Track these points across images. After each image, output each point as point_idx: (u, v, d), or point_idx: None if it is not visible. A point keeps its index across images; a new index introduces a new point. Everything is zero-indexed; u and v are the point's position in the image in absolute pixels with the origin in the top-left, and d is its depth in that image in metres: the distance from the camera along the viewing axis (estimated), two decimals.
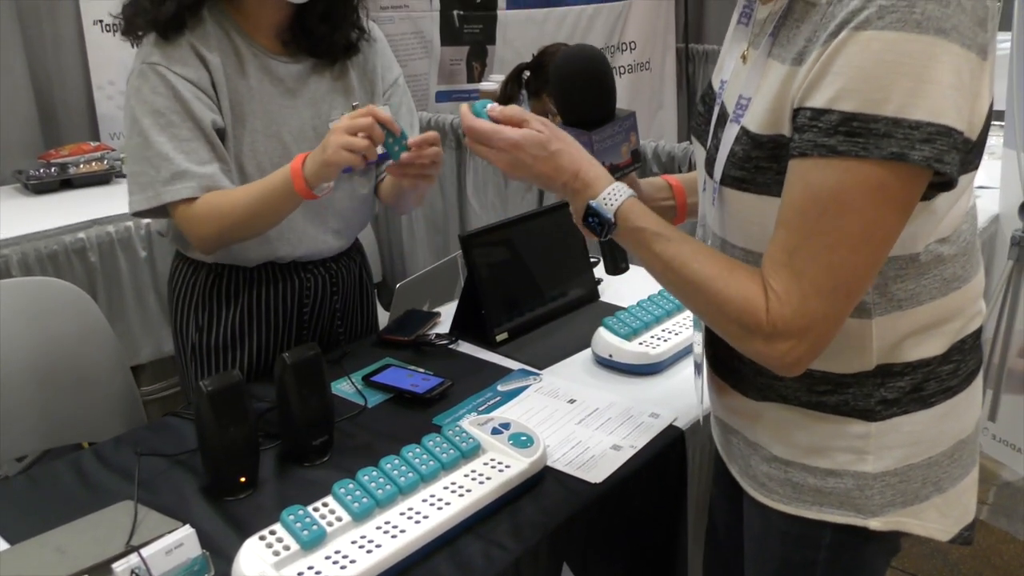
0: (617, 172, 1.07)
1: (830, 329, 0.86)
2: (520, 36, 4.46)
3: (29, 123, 2.87)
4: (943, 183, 0.82)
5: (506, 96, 3.50)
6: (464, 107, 1.02)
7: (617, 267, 1.09)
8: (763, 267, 0.87)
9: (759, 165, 0.90)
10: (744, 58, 0.96)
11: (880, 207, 0.80)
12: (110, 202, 2.65)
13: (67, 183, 2.77)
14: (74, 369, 1.72)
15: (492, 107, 1.00)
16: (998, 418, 2.43)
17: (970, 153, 0.85)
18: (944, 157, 0.78)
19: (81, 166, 2.79)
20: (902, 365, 0.93)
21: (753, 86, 0.91)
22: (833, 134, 0.79)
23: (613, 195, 0.95)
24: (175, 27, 1.36)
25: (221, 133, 1.41)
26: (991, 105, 0.86)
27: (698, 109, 1.10)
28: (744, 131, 0.91)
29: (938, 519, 0.98)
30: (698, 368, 1.15)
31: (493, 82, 3.95)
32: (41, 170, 2.74)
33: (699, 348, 1.13)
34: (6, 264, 2.31)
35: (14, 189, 2.80)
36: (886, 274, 0.90)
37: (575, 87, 1.07)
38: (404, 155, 1.31)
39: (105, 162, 2.83)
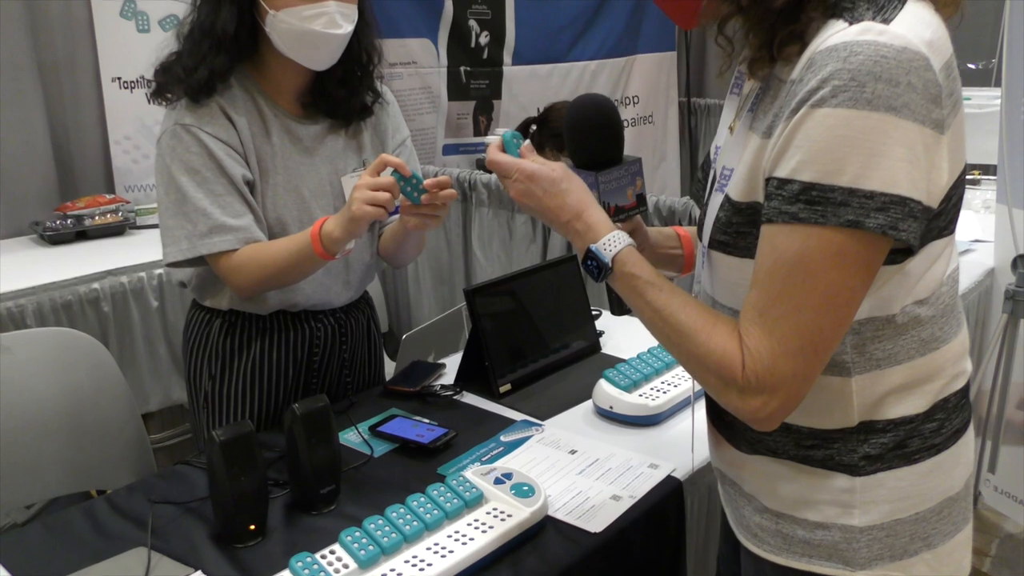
0: (622, 214, 1.14)
1: (800, 386, 0.89)
2: (525, 91, 4.56)
3: (47, 176, 2.95)
4: (909, 248, 0.86)
5: None
6: (494, 143, 1.09)
7: (622, 308, 1.12)
8: (740, 324, 0.91)
9: (740, 231, 0.95)
10: (731, 129, 1.02)
11: (841, 271, 0.85)
12: (124, 253, 2.71)
13: (82, 234, 2.84)
14: (88, 418, 1.76)
15: (526, 145, 1.08)
16: (998, 469, 2.45)
17: (936, 220, 0.89)
18: (899, 225, 0.83)
19: (96, 218, 2.86)
20: (884, 422, 0.96)
21: (736, 157, 0.96)
22: (795, 202, 0.84)
23: (613, 242, 1.00)
24: (206, 92, 1.44)
25: (251, 186, 1.49)
26: (962, 172, 0.91)
27: (698, 176, 1.16)
28: (727, 198, 0.96)
29: (926, 573, 1.00)
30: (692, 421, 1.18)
31: (498, 135, 4.04)
32: (57, 222, 2.81)
33: (693, 399, 1.16)
34: (22, 313, 2.36)
35: (30, 240, 2.87)
36: (864, 334, 0.94)
37: (585, 131, 1.14)
38: (424, 197, 1.37)
39: (120, 214, 2.91)
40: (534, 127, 3.55)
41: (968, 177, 2.93)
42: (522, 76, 4.54)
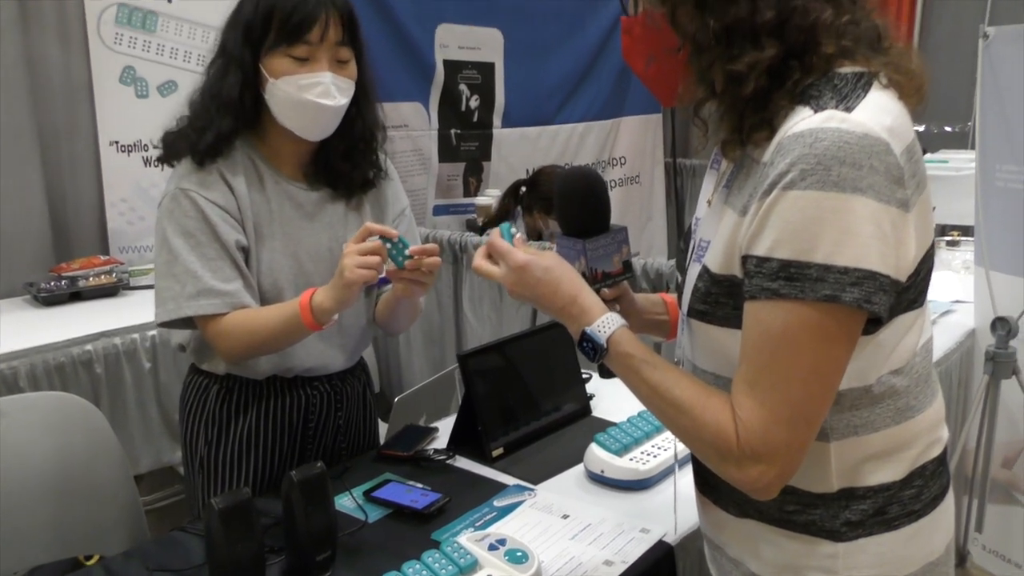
0: (609, 280, 1.18)
1: (794, 455, 0.93)
2: (514, 152, 4.65)
3: (42, 237, 2.98)
4: (878, 319, 0.90)
5: (503, 209, 3.66)
6: (495, 233, 1.14)
7: (610, 372, 1.14)
8: (731, 397, 0.95)
9: (718, 300, 0.99)
10: (709, 202, 1.07)
11: (823, 343, 0.89)
12: (118, 314, 2.74)
13: (76, 295, 2.86)
14: (80, 483, 1.76)
15: (519, 237, 1.13)
16: (985, 528, 2.47)
17: (906, 293, 0.94)
18: (872, 298, 0.87)
19: (91, 279, 2.89)
20: (864, 488, 1.00)
21: (713, 229, 1.01)
22: (775, 279, 0.89)
23: (606, 323, 1.04)
24: (211, 155, 1.49)
25: (246, 252, 1.52)
26: (930, 247, 0.96)
27: (680, 246, 1.20)
28: (705, 269, 1.01)
29: None
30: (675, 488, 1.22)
31: (489, 196, 4.12)
32: (52, 283, 2.84)
33: (676, 467, 1.20)
34: (15, 375, 2.37)
35: (24, 301, 2.88)
36: (842, 403, 0.97)
37: (572, 202, 1.20)
38: (407, 263, 1.41)
39: (114, 275, 2.93)
40: (523, 189, 3.62)
41: (948, 238, 3.02)
42: (512, 138, 4.63)
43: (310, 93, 1.46)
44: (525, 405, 1.77)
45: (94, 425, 1.81)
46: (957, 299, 2.71)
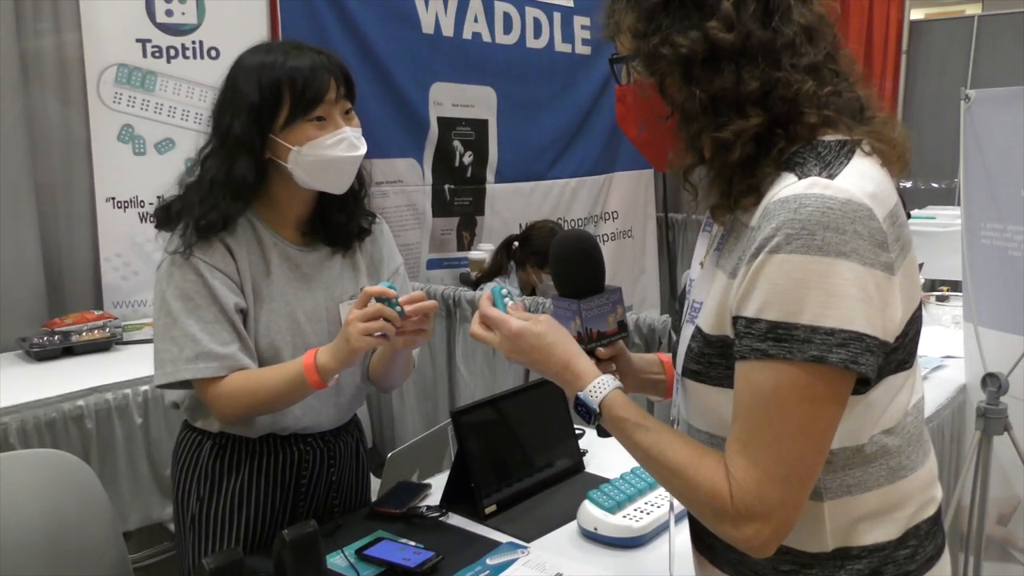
0: (604, 339, 1.20)
1: (789, 513, 0.94)
2: (507, 207, 4.70)
3: (36, 292, 3.00)
4: (867, 379, 0.92)
5: (497, 264, 3.69)
6: (484, 296, 1.16)
7: (606, 431, 1.17)
8: (725, 456, 0.96)
9: (711, 360, 1.01)
10: (702, 264, 1.10)
11: (812, 402, 0.91)
12: (110, 369, 2.73)
13: (69, 350, 2.86)
14: (69, 541, 1.75)
15: (513, 305, 1.16)
16: None
17: (894, 354, 0.96)
18: (859, 359, 0.89)
19: (84, 334, 2.89)
20: (859, 548, 1.00)
21: (705, 291, 1.04)
22: (764, 339, 0.91)
23: (598, 387, 1.06)
24: (215, 232, 1.51)
25: (244, 314, 1.54)
26: (917, 308, 0.99)
27: (675, 306, 1.22)
28: (698, 330, 1.03)
29: None
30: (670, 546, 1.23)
31: (482, 251, 4.15)
32: (45, 338, 2.84)
33: (672, 522, 1.21)
34: (5, 432, 2.36)
35: (16, 356, 2.88)
36: (835, 463, 0.98)
37: (567, 264, 1.23)
38: (407, 310, 1.44)
39: (107, 330, 2.94)
40: (516, 244, 3.66)
41: (937, 293, 3.04)
42: (505, 193, 4.69)
43: (338, 150, 1.52)
44: (518, 461, 1.77)
45: (85, 483, 1.80)
46: (948, 354, 2.73)
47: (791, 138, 0.97)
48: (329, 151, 1.51)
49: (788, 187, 0.93)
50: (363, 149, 1.56)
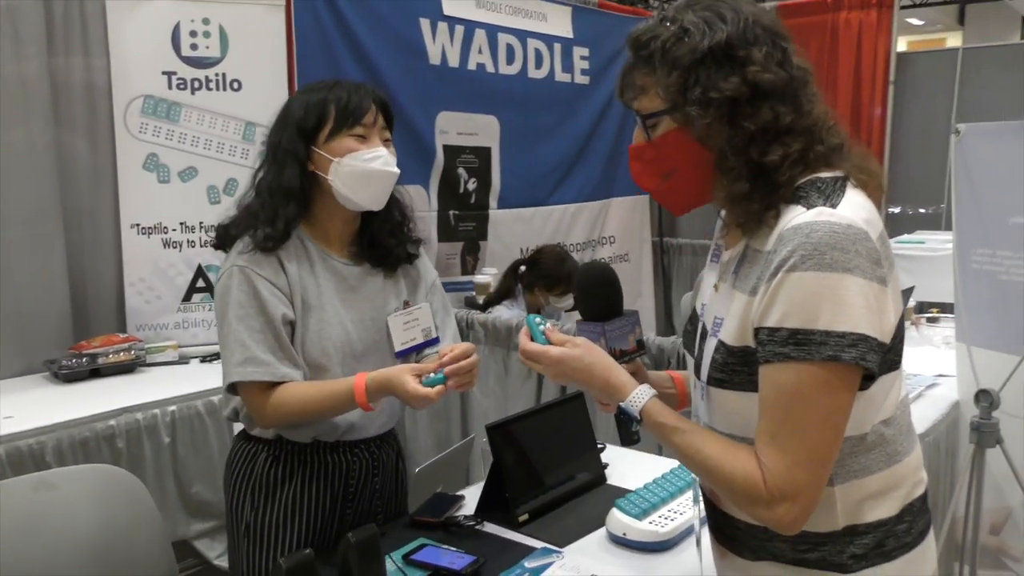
0: (625, 356, 1.34)
1: (815, 492, 1.08)
2: (510, 232, 4.82)
3: (62, 316, 3.10)
4: (869, 376, 1.07)
5: (504, 288, 3.81)
6: (523, 332, 1.29)
7: (631, 439, 1.29)
8: (756, 448, 1.10)
9: (735, 369, 1.15)
10: (716, 288, 1.24)
11: (829, 395, 1.06)
12: (136, 390, 2.84)
13: (95, 372, 2.96)
14: (123, 553, 1.84)
15: (549, 329, 1.27)
16: None
17: (888, 354, 1.11)
18: (866, 357, 1.04)
19: (110, 356, 2.99)
20: (865, 525, 1.15)
21: (724, 309, 1.18)
22: (786, 344, 1.06)
23: (638, 397, 1.20)
24: (279, 242, 1.65)
25: (292, 325, 1.67)
26: (902, 315, 1.14)
27: (687, 328, 1.37)
28: (721, 343, 1.17)
29: None
30: (698, 540, 1.37)
31: (486, 275, 4.27)
32: (73, 360, 2.93)
33: (697, 524, 1.34)
34: (42, 450, 2.46)
35: (43, 378, 2.98)
36: (842, 451, 1.13)
37: (592, 291, 1.38)
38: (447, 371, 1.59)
39: (132, 352, 3.04)
40: (522, 268, 3.78)
41: (928, 315, 3.19)
42: (507, 219, 4.81)
43: (374, 163, 1.66)
44: (547, 473, 1.89)
45: (136, 496, 1.89)
46: (940, 373, 2.86)
47: (807, 164, 1.13)
48: (366, 164, 1.66)
49: (799, 216, 1.08)
50: (397, 170, 1.71)
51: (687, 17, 1.15)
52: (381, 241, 1.77)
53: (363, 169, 1.66)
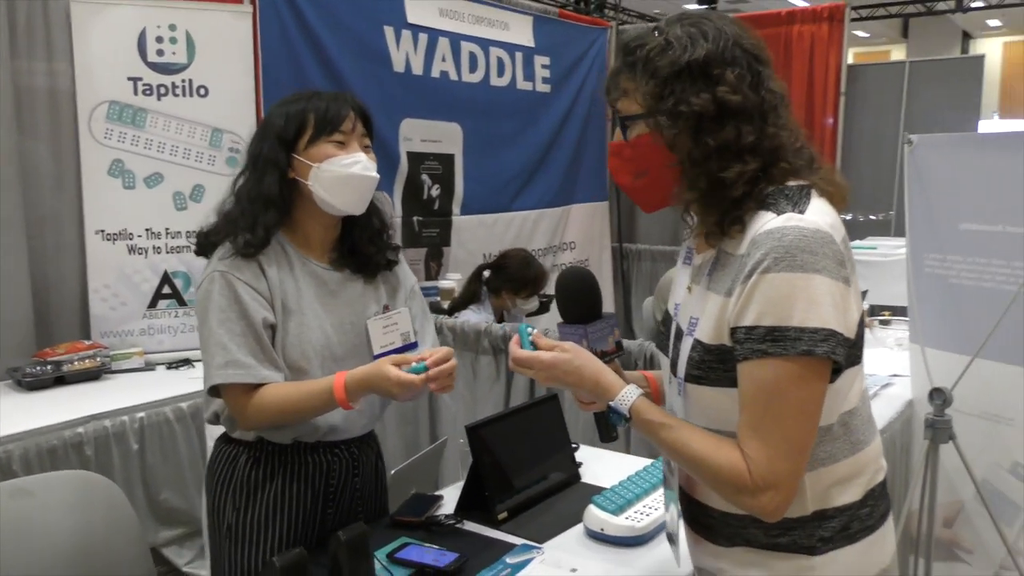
0: (606, 357, 1.38)
1: (795, 480, 1.15)
2: (473, 238, 4.88)
3: (24, 323, 3.06)
4: (836, 369, 1.15)
5: (469, 292, 3.84)
6: (513, 341, 1.33)
7: (609, 436, 1.37)
8: (738, 440, 1.17)
9: (711, 366, 1.22)
10: (690, 289, 1.31)
11: (805, 387, 1.13)
12: (102, 398, 2.82)
13: (60, 379, 2.93)
14: (101, 558, 1.84)
15: (536, 335, 1.32)
16: None
17: (852, 349, 1.18)
18: (836, 350, 1.12)
19: (75, 363, 2.96)
20: (832, 509, 1.23)
21: (700, 310, 1.25)
22: (763, 342, 1.13)
23: (626, 396, 1.25)
24: (259, 248, 1.67)
25: (273, 329, 1.69)
26: (862, 315, 1.22)
27: (660, 329, 1.43)
28: (698, 342, 1.24)
29: None
30: (671, 538, 1.44)
31: (450, 280, 4.31)
32: (37, 367, 2.90)
33: (671, 522, 1.41)
34: (8, 459, 2.43)
35: (6, 386, 2.94)
36: None
37: (574, 296, 1.43)
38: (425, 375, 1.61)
39: (98, 359, 3.02)
40: (487, 273, 3.82)
41: (880, 318, 3.30)
42: (470, 225, 4.87)
43: (353, 168, 1.69)
44: (524, 472, 1.93)
45: (113, 501, 1.89)
46: (894, 373, 2.97)
47: (770, 180, 1.20)
48: (345, 168, 1.68)
49: (770, 222, 1.16)
50: (376, 174, 1.74)
51: (673, 31, 1.21)
52: (361, 248, 1.80)
53: (342, 174, 1.68)
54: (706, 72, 1.19)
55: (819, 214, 1.16)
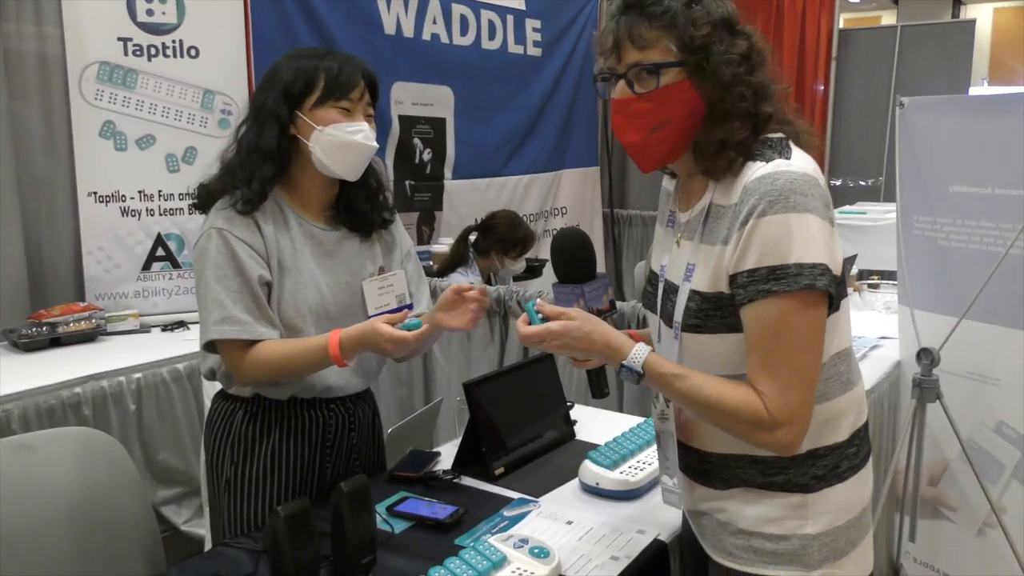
0: (602, 315, 1.41)
1: (807, 411, 1.21)
2: (464, 203, 4.88)
3: (19, 286, 3.06)
4: (829, 305, 1.21)
5: (457, 254, 3.86)
6: (521, 320, 1.33)
7: (601, 392, 1.42)
8: (749, 379, 1.21)
9: (708, 314, 1.26)
10: (679, 244, 1.35)
11: (809, 320, 1.19)
12: (98, 358, 2.84)
13: (56, 341, 2.94)
14: (104, 513, 1.86)
15: (540, 303, 1.33)
16: (917, 539, 2.74)
17: (839, 286, 1.24)
18: (832, 285, 1.18)
19: (71, 325, 2.97)
20: (824, 448, 1.29)
21: (694, 260, 1.29)
22: (767, 281, 1.18)
23: (638, 355, 1.28)
24: (256, 203, 1.68)
25: (269, 286, 1.71)
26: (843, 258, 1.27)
27: (647, 289, 1.47)
28: (695, 292, 1.28)
29: (853, 569, 1.33)
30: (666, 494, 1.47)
31: (442, 244, 4.32)
32: (33, 329, 2.91)
33: (668, 480, 1.45)
34: (8, 418, 2.45)
35: (2, 347, 2.95)
36: None
37: (569, 256, 1.46)
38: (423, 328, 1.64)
39: (93, 321, 3.02)
40: (474, 235, 3.84)
41: (870, 281, 3.34)
42: (462, 189, 4.87)
43: (355, 137, 1.70)
44: (520, 429, 1.97)
45: (115, 458, 1.91)
46: (883, 335, 3.02)
47: (760, 130, 1.27)
48: (348, 136, 1.69)
49: (760, 169, 1.22)
50: (376, 145, 1.75)
51: None
52: (356, 206, 1.81)
53: (344, 141, 1.69)
54: (733, 25, 1.26)
55: (802, 160, 1.23)
